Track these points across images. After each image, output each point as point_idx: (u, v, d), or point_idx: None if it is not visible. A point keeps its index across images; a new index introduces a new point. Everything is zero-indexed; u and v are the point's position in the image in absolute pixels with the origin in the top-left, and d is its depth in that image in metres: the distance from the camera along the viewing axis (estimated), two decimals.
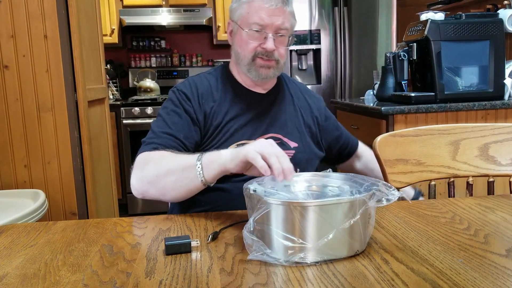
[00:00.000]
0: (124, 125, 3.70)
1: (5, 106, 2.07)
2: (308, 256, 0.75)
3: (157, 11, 3.99)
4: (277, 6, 1.17)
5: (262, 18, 1.17)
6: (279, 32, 1.20)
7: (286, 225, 0.76)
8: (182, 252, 0.81)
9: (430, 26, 2.20)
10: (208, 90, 1.26)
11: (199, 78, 1.29)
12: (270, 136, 1.24)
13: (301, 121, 1.32)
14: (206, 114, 1.23)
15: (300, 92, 1.38)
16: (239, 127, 1.24)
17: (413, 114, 2.19)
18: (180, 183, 1.04)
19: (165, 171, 1.06)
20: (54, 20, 2.04)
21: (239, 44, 1.23)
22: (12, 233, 0.97)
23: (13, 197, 1.96)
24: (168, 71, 4.39)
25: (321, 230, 0.75)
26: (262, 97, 1.30)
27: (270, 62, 1.21)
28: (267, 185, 0.86)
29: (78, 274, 0.74)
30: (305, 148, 1.29)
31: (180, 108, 1.22)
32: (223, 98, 1.26)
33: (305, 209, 0.75)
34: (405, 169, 1.28)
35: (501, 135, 1.32)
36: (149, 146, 1.15)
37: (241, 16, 1.21)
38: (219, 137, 1.23)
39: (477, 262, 0.74)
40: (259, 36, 1.19)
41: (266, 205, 0.76)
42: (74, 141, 2.13)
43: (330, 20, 3.35)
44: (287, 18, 1.20)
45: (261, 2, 1.17)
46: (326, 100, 3.48)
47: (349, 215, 0.76)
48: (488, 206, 1.06)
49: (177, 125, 1.19)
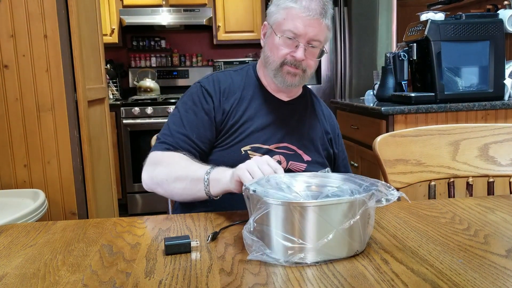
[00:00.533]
0: (124, 125, 3.70)
1: (5, 106, 2.07)
2: (308, 256, 0.75)
3: (157, 11, 3.99)
4: (314, 17, 1.16)
5: (297, 27, 1.16)
6: (312, 43, 1.18)
7: (286, 225, 0.76)
8: (182, 252, 0.81)
9: (430, 26, 2.20)
10: (230, 88, 1.26)
11: (223, 75, 1.29)
12: (284, 146, 1.24)
13: (318, 137, 1.31)
14: (224, 112, 1.23)
15: (322, 111, 1.37)
16: (255, 129, 1.23)
17: (413, 114, 2.19)
18: (188, 191, 1.09)
19: (174, 177, 1.11)
20: (54, 20, 2.04)
21: (270, 48, 1.22)
22: (11, 233, 0.96)
23: (13, 196, 1.96)
24: (168, 71, 4.39)
25: (321, 231, 0.75)
26: (284, 104, 1.30)
27: (297, 70, 1.21)
28: (267, 186, 0.86)
29: (77, 274, 0.74)
30: (314, 163, 1.27)
31: (198, 106, 1.22)
32: (244, 98, 1.26)
33: (305, 209, 0.75)
34: (405, 170, 1.28)
35: (501, 136, 1.32)
36: (162, 146, 1.18)
37: (276, 21, 1.20)
38: (234, 136, 1.22)
39: (477, 262, 0.74)
40: (291, 43, 1.18)
41: (266, 205, 0.76)
42: (74, 141, 2.13)
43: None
44: (322, 30, 1.19)
45: (299, 11, 1.16)
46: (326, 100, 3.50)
47: (349, 215, 0.76)
48: (488, 206, 1.06)
49: (192, 124, 1.20)
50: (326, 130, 1.34)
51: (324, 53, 1.23)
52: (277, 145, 1.24)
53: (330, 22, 1.21)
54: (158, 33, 4.39)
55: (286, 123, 1.27)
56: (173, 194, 1.14)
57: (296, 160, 1.25)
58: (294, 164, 1.24)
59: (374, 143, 1.28)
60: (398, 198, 1.22)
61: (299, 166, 1.25)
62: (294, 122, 1.29)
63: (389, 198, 0.79)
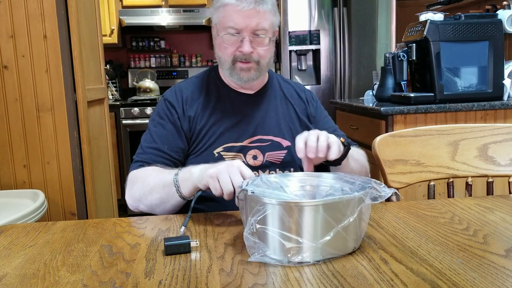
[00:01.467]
0: (124, 125, 3.70)
1: (4, 106, 2.07)
2: (308, 255, 0.75)
3: (157, 11, 3.99)
4: (250, 8, 1.14)
5: (236, 22, 1.15)
6: (256, 33, 1.17)
7: (288, 225, 0.76)
8: (182, 253, 0.81)
9: (430, 26, 2.20)
10: (193, 94, 1.27)
11: (185, 83, 1.31)
12: (258, 139, 1.24)
13: (294, 119, 1.31)
14: (190, 119, 1.24)
15: (294, 90, 1.37)
16: (225, 130, 1.23)
17: (413, 115, 2.19)
18: (164, 200, 1.09)
19: (149, 190, 1.12)
20: (54, 21, 2.04)
21: (219, 48, 1.22)
22: (11, 233, 0.97)
23: (13, 197, 1.96)
24: (167, 72, 4.39)
25: (324, 229, 0.75)
26: (249, 98, 1.30)
27: (250, 64, 1.20)
28: (264, 186, 0.86)
29: (77, 274, 0.74)
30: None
31: (165, 119, 1.25)
32: (208, 101, 1.27)
33: (310, 209, 0.75)
34: (405, 170, 1.28)
35: (500, 136, 1.32)
36: (137, 164, 1.21)
37: (218, 20, 1.20)
38: (204, 141, 1.23)
39: (476, 262, 0.74)
40: (236, 39, 1.18)
41: (266, 206, 0.76)
42: (74, 141, 2.13)
43: (330, 21, 3.36)
44: (264, 17, 1.17)
45: (234, 5, 1.15)
46: (325, 100, 3.51)
47: (347, 213, 0.76)
48: (487, 206, 1.06)
49: (161, 137, 1.23)
50: (302, 109, 1.33)
51: (275, 36, 1.23)
52: (250, 140, 1.24)
53: (272, 4, 1.19)
54: (158, 33, 4.39)
55: (255, 116, 1.27)
56: (153, 207, 1.13)
57: (274, 150, 1.24)
58: (271, 155, 1.24)
59: (373, 143, 1.28)
60: (397, 197, 1.22)
61: (277, 155, 1.25)
62: (264, 112, 1.28)
63: (382, 195, 0.80)
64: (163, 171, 1.14)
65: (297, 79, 3.49)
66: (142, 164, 1.20)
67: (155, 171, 1.15)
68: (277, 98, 1.32)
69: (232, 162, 0.95)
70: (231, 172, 0.92)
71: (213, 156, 1.21)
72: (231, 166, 0.94)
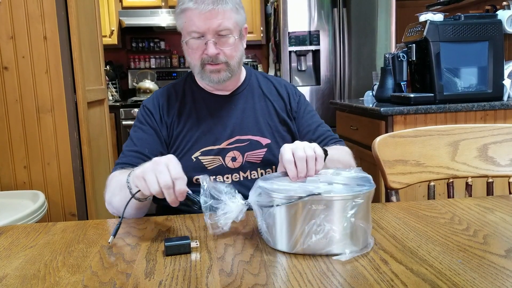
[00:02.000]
0: (124, 126, 3.70)
1: (4, 107, 2.07)
2: (311, 249, 0.77)
3: (157, 12, 3.99)
4: (209, 9, 1.12)
5: (197, 25, 1.14)
6: (220, 33, 1.15)
7: (291, 219, 0.77)
8: (182, 253, 0.81)
9: (429, 27, 2.21)
10: (169, 101, 1.27)
11: (163, 90, 1.31)
12: (236, 139, 1.24)
13: (274, 115, 1.29)
14: (167, 126, 1.25)
15: (274, 86, 1.34)
16: (201, 134, 1.23)
17: (412, 115, 2.19)
18: (124, 201, 0.99)
19: (112, 191, 1.09)
20: (54, 21, 2.04)
21: (187, 54, 1.21)
22: (11, 234, 0.97)
23: (13, 198, 1.96)
24: (167, 72, 4.39)
25: (341, 222, 0.77)
26: (225, 99, 1.29)
27: (218, 66, 1.18)
28: (277, 183, 0.86)
29: (77, 275, 0.74)
30: (279, 143, 1.25)
31: (145, 124, 1.25)
32: (183, 107, 1.27)
33: (329, 202, 0.77)
34: (405, 170, 1.28)
35: (500, 136, 1.32)
36: (116, 167, 1.18)
37: (181, 26, 1.19)
38: (182, 146, 1.23)
39: (476, 262, 0.75)
40: (200, 43, 1.16)
41: (274, 201, 0.79)
42: (74, 142, 2.13)
43: (329, 21, 3.36)
44: (225, 17, 1.14)
45: (193, 9, 1.13)
46: (325, 101, 3.50)
47: (349, 209, 0.78)
48: (487, 206, 1.06)
49: (141, 140, 1.22)
50: (281, 105, 1.31)
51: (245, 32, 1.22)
52: (228, 141, 1.23)
53: (233, 3, 1.16)
54: (158, 34, 4.40)
55: (232, 117, 1.26)
56: (119, 210, 1.04)
57: (254, 149, 1.24)
58: (250, 154, 1.24)
59: (373, 144, 1.28)
60: (397, 198, 1.22)
61: (256, 155, 1.24)
62: (240, 112, 1.27)
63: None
64: (125, 172, 1.07)
65: (297, 80, 3.49)
66: (123, 166, 1.18)
67: (123, 173, 1.08)
68: (255, 96, 1.31)
69: (160, 159, 0.90)
70: (157, 171, 0.88)
71: (192, 161, 1.21)
72: (157, 163, 0.89)
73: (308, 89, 3.42)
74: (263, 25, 4.15)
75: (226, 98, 1.29)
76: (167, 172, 0.87)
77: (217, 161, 1.22)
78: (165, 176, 0.87)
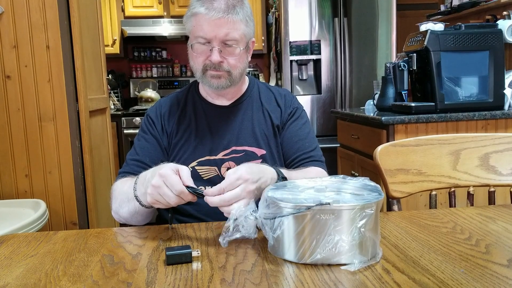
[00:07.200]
0: (125, 135, 3.70)
1: (6, 116, 2.08)
2: (320, 260, 0.77)
3: (159, 21, 4.02)
4: (219, 17, 1.12)
5: (205, 31, 1.14)
6: (226, 42, 1.15)
7: (300, 229, 0.77)
8: (183, 262, 0.81)
9: (430, 36, 2.22)
10: (171, 110, 1.29)
11: (166, 99, 1.33)
12: (232, 150, 1.24)
13: (269, 126, 1.28)
14: (168, 134, 1.27)
15: (274, 96, 1.33)
16: (198, 144, 1.24)
17: (414, 124, 2.20)
18: (132, 211, 1.09)
19: (119, 202, 1.12)
20: (56, 31, 2.06)
21: (191, 57, 1.22)
22: (12, 243, 0.96)
23: (14, 206, 1.96)
24: (169, 81, 4.41)
25: (351, 232, 0.77)
26: (225, 109, 1.29)
27: (220, 72, 1.18)
28: (283, 192, 0.86)
29: (78, 284, 0.74)
30: (273, 154, 1.26)
31: (147, 133, 1.27)
32: (184, 116, 1.28)
33: (322, 213, 0.76)
34: (406, 179, 1.28)
35: (501, 145, 1.32)
36: (119, 176, 1.22)
37: (189, 29, 1.19)
38: (179, 156, 1.24)
39: (479, 272, 0.74)
40: (206, 48, 1.16)
41: (282, 211, 0.79)
42: (75, 150, 2.14)
43: (330, 31, 3.38)
44: (234, 27, 1.14)
45: (203, 14, 1.13)
46: (326, 110, 3.50)
47: (359, 219, 0.78)
48: (489, 216, 1.06)
49: (143, 149, 1.25)
50: (277, 115, 1.29)
51: (252, 45, 1.23)
52: (225, 152, 1.24)
53: (243, 15, 1.16)
54: (159, 43, 4.42)
55: (230, 128, 1.26)
56: (127, 219, 1.12)
57: (249, 160, 1.23)
58: None
59: (374, 153, 1.28)
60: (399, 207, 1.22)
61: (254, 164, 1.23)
62: (238, 123, 1.27)
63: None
64: (128, 182, 1.12)
65: (298, 89, 3.50)
66: (124, 175, 1.21)
67: (128, 181, 1.13)
68: (254, 107, 1.30)
69: (166, 175, 0.92)
70: (162, 192, 0.92)
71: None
72: (163, 185, 0.92)
73: (309, 98, 3.43)
74: (265, 34, 4.17)
75: (225, 109, 1.29)
76: (169, 192, 0.92)
77: (213, 172, 1.23)
78: (170, 195, 0.92)
